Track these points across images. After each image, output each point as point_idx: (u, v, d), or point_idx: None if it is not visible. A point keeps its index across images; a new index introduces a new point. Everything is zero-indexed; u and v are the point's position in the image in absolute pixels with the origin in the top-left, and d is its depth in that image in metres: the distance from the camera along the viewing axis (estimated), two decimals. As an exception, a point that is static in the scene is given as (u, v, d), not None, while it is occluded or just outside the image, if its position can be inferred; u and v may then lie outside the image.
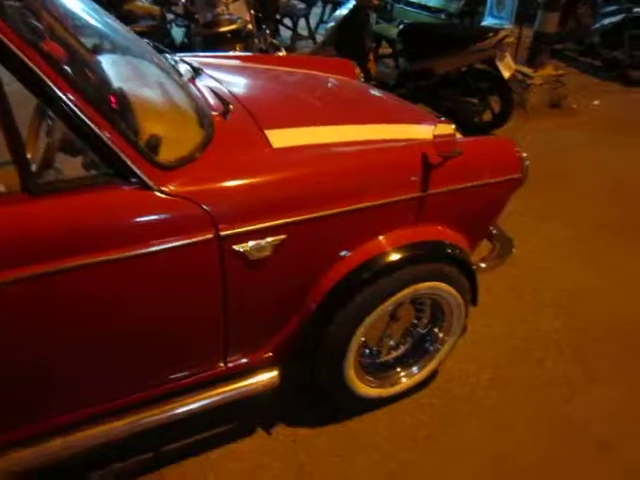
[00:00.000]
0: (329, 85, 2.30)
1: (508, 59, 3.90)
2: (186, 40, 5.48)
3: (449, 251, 1.72)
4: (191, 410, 1.58)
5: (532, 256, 2.82)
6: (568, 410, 1.99)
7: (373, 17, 4.81)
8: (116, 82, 1.51)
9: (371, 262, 1.59)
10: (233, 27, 3.68)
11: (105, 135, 1.16)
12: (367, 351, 1.89)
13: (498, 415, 1.95)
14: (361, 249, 1.59)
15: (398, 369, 1.92)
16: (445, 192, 1.67)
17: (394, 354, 1.95)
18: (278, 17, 6.79)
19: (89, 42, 1.70)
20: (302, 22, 6.86)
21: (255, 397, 1.67)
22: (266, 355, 1.67)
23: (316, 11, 7.11)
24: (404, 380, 1.91)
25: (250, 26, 4.40)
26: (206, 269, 1.38)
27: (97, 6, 1.82)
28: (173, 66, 1.85)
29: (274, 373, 1.68)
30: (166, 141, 1.35)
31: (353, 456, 1.79)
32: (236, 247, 1.37)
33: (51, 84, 1.07)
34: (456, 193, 1.71)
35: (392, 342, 1.92)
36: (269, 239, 1.41)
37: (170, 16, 6.14)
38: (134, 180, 1.22)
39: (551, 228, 3.11)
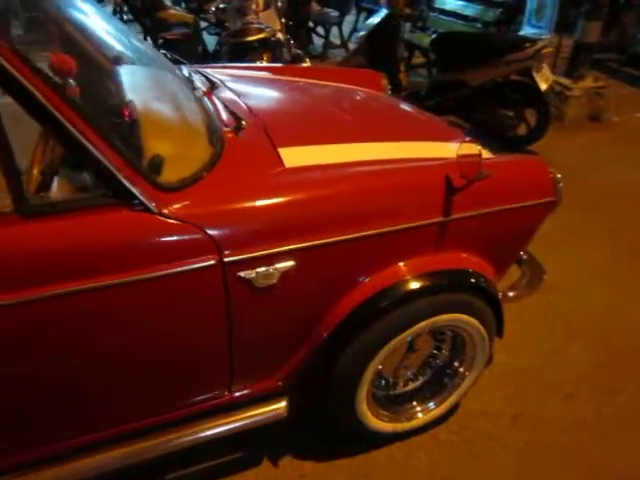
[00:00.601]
0: (353, 99, 2.21)
1: (546, 70, 3.73)
2: (219, 48, 5.49)
3: (473, 280, 1.60)
4: (194, 440, 1.51)
5: (566, 281, 2.65)
6: (598, 456, 1.82)
7: (405, 26, 4.68)
8: (124, 96, 1.46)
9: (387, 291, 1.48)
10: (260, 36, 3.63)
11: (102, 155, 1.09)
12: (382, 382, 1.78)
13: (522, 456, 1.81)
14: (376, 277, 1.49)
15: (414, 403, 1.80)
16: (470, 217, 1.56)
17: (411, 386, 1.83)
18: (311, 25, 6.78)
19: (101, 54, 1.66)
20: (335, 30, 6.81)
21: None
22: (274, 384, 1.59)
23: (350, 19, 7.05)
24: (420, 415, 1.79)
25: (280, 35, 4.37)
26: (209, 296, 1.30)
27: (111, 17, 1.78)
28: (188, 79, 1.79)
29: (282, 404, 1.59)
30: (171, 160, 1.28)
31: (364, 494, 1.68)
32: (241, 274, 1.29)
33: (43, 99, 1.01)
34: (482, 218, 1.59)
35: (409, 373, 1.81)
36: (277, 265, 1.32)
37: (204, 24, 6.19)
38: (133, 202, 1.16)
39: (587, 250, 2.93)
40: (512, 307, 2.32)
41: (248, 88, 2.11)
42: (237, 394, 1.54)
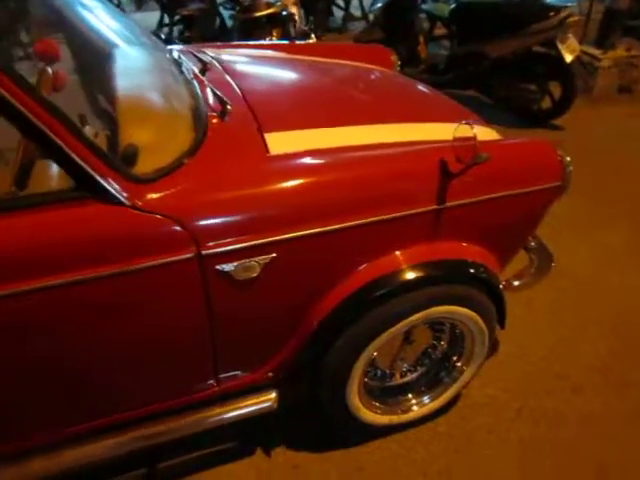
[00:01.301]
0: (355, 77, 2.12)
1: (571, 41, 3.51)
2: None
3: (471, 271, 1.53)
4: (184, 431, 1.50)
5: (582, 267, 2.53)
6: (604, 452, 1.74)
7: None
8: (103, 83, 1.42)
9: (377, 282, 1.42)
10: (269, 11, 3.52)
11: (69, 148, 1.05)
12: (378, 373, 1.73)
13: (524, 451, 1.74)
14: (366, 268, 1.42)
15: (409, 396, 1.75)
16: (468, 204, 1.47)
17: (407, 378, 1.78)
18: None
19: (83, 37, 1.61)
20: (356, 2, 6.61)
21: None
22: (264, 376, 1.56)
23: (370, -11, 6.82)
24: (416, 408, 1.74)
25: (294, 9, 4.25)
26: (187, 289, 1.26)
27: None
28: (177, 61, 1.73)
29: (272, 395, 1.56)
30: (148, 149, 1.24)
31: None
32: (220, 267, 1.25)
33: (3, 91, 0.97)
34: (482, 205, 1.50)
35: (406, 365, 1.75)
36: (257, 258, 1.28)
37: (220, -1, 6.08)
38: (104, 195, 1.12)
39: (608, 234, 2.78)
40: (522, 295, 2.24)
41: (246, 68, 2.04)
42: (226, 385, 1.52)
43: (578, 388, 1.94)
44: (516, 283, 1.83)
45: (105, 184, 1.11)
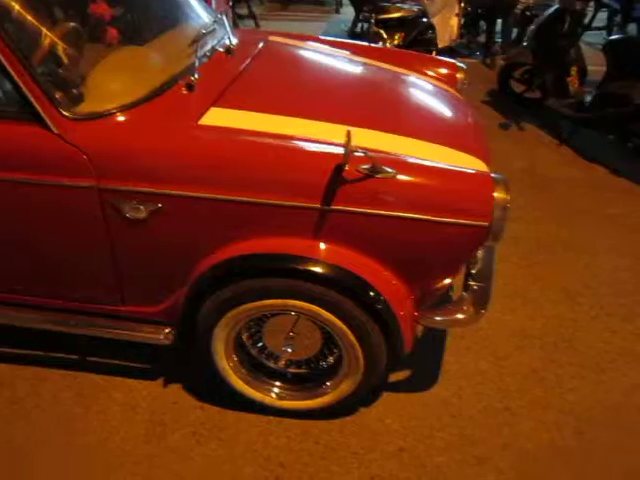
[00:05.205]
0: (380, 82, 2.16)
1: None
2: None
3: (344, 280, 1.51)
4: (87, 331, 1.81)
5: (598, 348, 2.15)
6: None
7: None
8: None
9: (240, 259, 1.54)
10: (396, 15, 3.58)
11: (21, 82, 1.40)
12: (260, 346, 1.82)
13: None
14: (237, 243, 1.55)
15: (277, 383, 1.82)
16: (361, 213, 1.47)
17: (284, 369, 1.84)
18: (528, 14, 6.23)
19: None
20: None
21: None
22: (165, 311, 1.75)
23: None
24: (286, 400, 1.80)
25: (453, 20, 4.25)
26: (87, 211, 1.55)
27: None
28: (197, 38, 1.95)
29: (166, 330, 1.75)
30: (97, 95, 1.56)
31: (208, 442, 1.76)
32: (114, 201, 1.51)
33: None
34: (384, 221, 1.48)
35: (289, 356, 1.80)
36: (145, 203, 1.51)
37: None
38: (42, 122, 1.45)
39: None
40: (502, 338, 2.06)
41: (277, 57, 2.24)
42: (131, 309, 1.77)
43: (482, 460, 1.72)
44: (438, 318, 1.69)
45: (42, 113, 1.45)
